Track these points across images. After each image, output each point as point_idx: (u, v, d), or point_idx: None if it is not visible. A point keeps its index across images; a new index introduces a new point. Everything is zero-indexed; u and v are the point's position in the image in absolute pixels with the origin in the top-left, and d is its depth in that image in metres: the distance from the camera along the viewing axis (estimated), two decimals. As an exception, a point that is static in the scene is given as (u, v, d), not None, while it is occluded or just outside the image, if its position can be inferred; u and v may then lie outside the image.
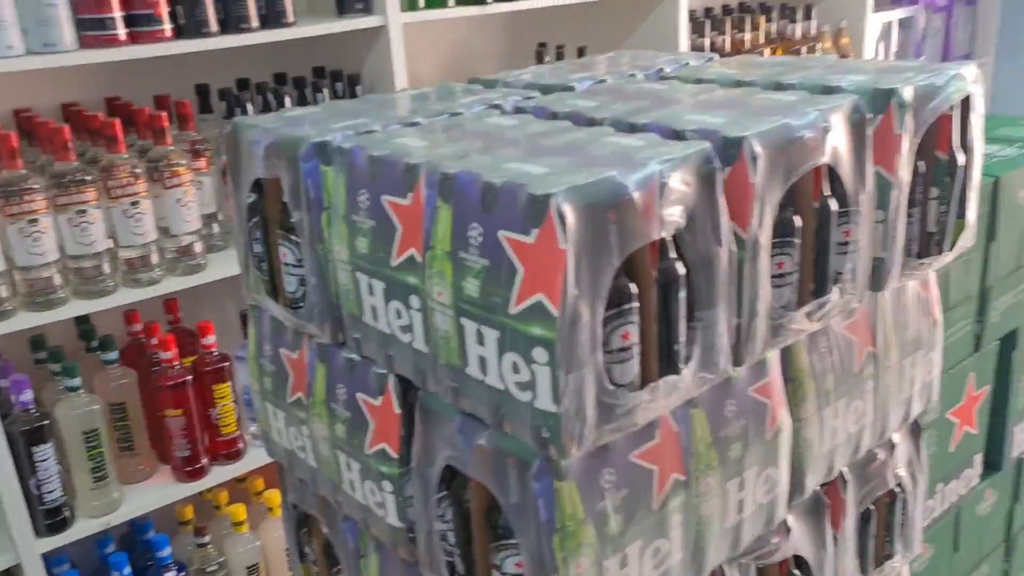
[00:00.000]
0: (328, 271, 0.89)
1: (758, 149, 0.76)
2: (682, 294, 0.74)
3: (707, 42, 2.69)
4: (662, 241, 0.72)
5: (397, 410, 0.87)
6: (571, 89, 1.06)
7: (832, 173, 0.86)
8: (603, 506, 0.75)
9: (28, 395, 1.58)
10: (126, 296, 1.65)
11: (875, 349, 1.02)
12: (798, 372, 0.93)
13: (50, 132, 1.51)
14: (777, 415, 0.90)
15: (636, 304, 0.71)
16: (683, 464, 0.81)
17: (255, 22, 1.68)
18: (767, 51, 2.83)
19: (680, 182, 0.71)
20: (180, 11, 1.59)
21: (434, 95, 1.07)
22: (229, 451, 1.88)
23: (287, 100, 1.77)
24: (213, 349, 1.82)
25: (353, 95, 1.89)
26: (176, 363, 1.77)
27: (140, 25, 1.55)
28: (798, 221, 0.84)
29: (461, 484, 0.83)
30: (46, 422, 1.61)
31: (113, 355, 1.73)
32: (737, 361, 0.82)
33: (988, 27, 3.69)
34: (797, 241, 0.84)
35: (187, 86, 1.86)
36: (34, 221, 1.50)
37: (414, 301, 0.79)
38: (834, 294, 0.90)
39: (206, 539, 1.90)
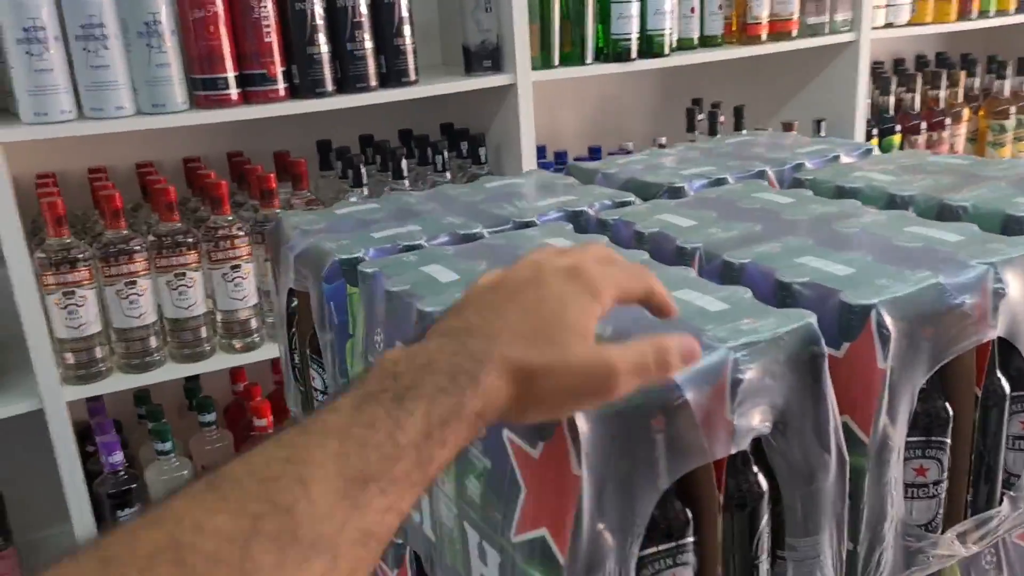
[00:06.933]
0: (349, 409, 0.75)
1: (889, 322, 0.55)
2: (764, 515, 0.54)
3: (891, 101, 2.37)
4: (742, 455, 0.52)
5: (411, 592, 0.71)
6: (677, 193, 0.87)
7: (1005, 344, 0.63)
8: None
9: (117, 457, 1.54)
10: (223, 361, 1.60)
11: (1065, 563, 0.76)
12: (946, 597, 0.69)
13: (157, 193, 1.48)
14: (910, 662, 0.66)
15: (690, 539, 0.51)
16: None
17: (374, 81, 1.59)
18: (966, 112, 2.47)
19: (764, 374, 0.51)
20: (294, 71, 1.52)
21: (503, 194, 0.90)
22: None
23: (404, 160, 1.67)
24: (311, 417, 1.73)
25: (476, 154, 1.77)
26: (271, 430, 1.69)
27: (253, 85, 1.49)
28: (949, 410, 0.61)
29: None
30: (134, 485, 1.57)
31: (210, 417, 1.67)
32: (848, 600, 0.60)
33: None
34: (946, 441, 0.61)
35: (310, 141, 1.80)
36: (132, 283, 1.46)
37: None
38: (1005, 506, 0.65)
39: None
